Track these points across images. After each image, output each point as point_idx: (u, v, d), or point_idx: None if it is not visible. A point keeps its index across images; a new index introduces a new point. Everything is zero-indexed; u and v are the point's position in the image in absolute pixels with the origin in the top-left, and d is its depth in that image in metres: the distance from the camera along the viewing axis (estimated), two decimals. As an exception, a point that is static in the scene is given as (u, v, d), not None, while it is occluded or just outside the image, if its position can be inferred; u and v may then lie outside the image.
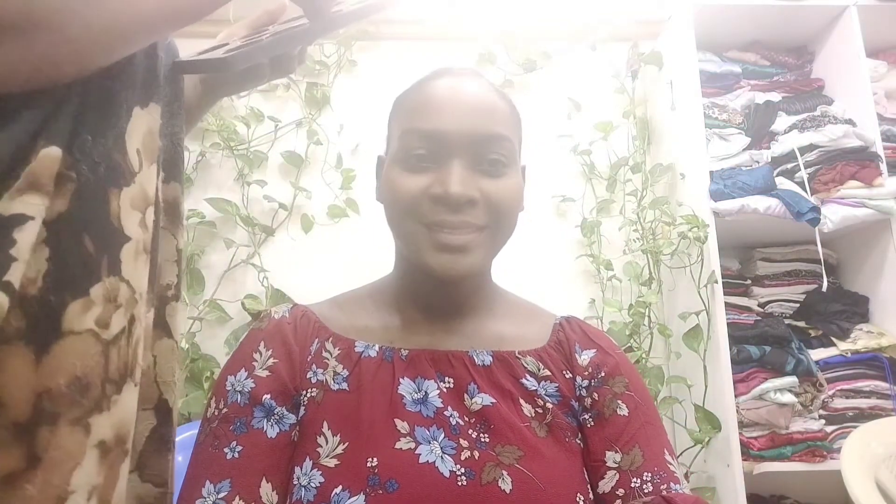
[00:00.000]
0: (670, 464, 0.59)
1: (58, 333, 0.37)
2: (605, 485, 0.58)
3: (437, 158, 0.58)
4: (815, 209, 1.49)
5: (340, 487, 0.52)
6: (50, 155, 0.37)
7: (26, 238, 0.35)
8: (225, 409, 0.57)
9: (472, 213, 0.57)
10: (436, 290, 0.64)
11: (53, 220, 0.37)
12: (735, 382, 1.43)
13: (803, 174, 1.56)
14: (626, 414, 0.60)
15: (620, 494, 0.56)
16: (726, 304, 1.51)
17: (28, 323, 0.35)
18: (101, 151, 0.40)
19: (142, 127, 0.44)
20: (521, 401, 0.60)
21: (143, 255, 0.43)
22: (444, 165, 0.58)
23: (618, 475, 0.58)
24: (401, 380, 0.59)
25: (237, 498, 0.52)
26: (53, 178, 0.37)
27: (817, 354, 1.54)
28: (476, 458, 0.55)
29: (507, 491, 0.53)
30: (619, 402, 0.61)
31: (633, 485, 0.56)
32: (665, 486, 0.56)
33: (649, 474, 0.57)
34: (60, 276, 0.37)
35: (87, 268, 0.39)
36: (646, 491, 0.56)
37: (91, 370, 0.38)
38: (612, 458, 0.59)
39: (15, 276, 0.34)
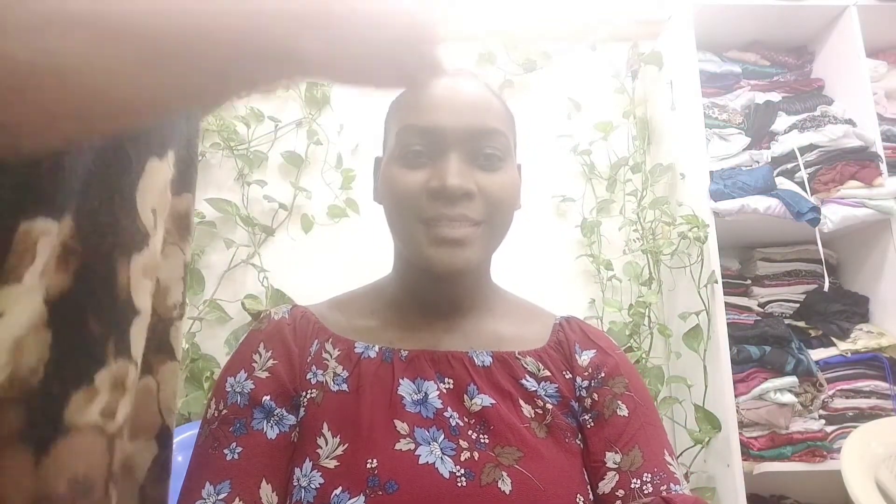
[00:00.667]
0: (670, 464, 0.58)
1: (59, 430, 0.33)
2: (605, 485, 0.58)
3: (434, 154, 0.58)
4: (815, 209, 1.49)
5: (340, 489, 0.52)
6: (33, 231, 0.31)
7: None
8: (224, 411, 0.57)
9: (469, 206, 0.57)
10: (435, 289, 0.63)
11: (56, 300, 0.33)
12: (735, 382, 1.43)
13: (803, 174, 1.56)
14: (626, 415, 0.60)
15: (620, 495, 0.56)
16: (726, 304, 1.50)
17: (28, 420, 0.31)
18: (109, 218, 0.36)
19: (157, 182, 0.40)
20: (521, 401, 0.60)
21: (147, 326, 0.40)
22: (440, 160, 0.58)
23: (618, 476, 0.57)
24: (400, 380, 0.59)
25: (237, 499, 0.52)
26: (32, 259, 0.31)
27: (817, 354, 1.54)
28: (476, 458, 0.55)
29: (507, 492, 0.53)
30: (619, 402, 0.61)
31: (633, 486, 0.56)
32: (665, 486, 0.56)
33: (649, 475, 0.57)
34: (63, 363, 0.33)
35: (91, 352, 0.35)
36: (646, 492, 0.56)
37: (94, 469, 0.34)
38: (611, 458, 0.59)
39: None
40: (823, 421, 1.49)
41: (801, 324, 1.61)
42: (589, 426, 0.61)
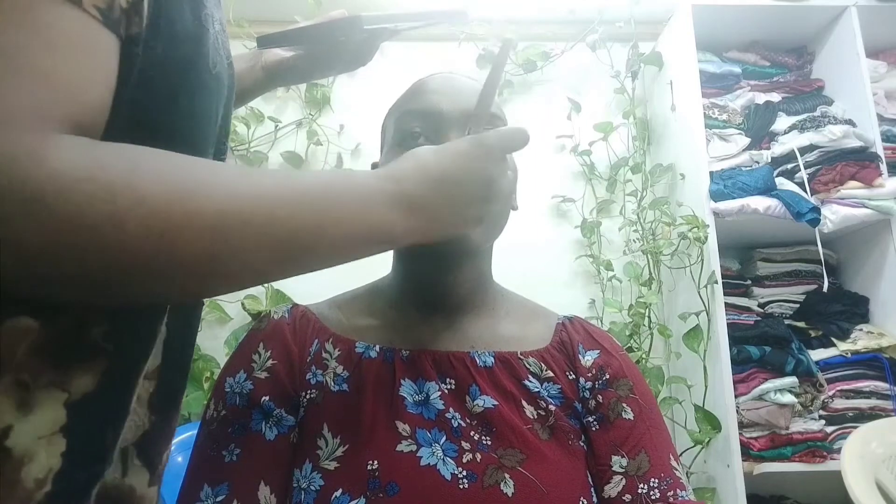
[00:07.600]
0: (676, 469, 0.58)
1: None
2: (612, 489, 0.57)
3: (433, 136, 0.58)
4: (815, 209, 1.49)
5: (340, 491, 0.52)
6: (17, 328, 0.28)
7: None
8: (223, 412, 0.57)
9: None
10: (436, 281, 0.62)
11: (77, 403, 0.30)
12: (735, 383, 1.43)
13: (803, 174, 1.56)
14: (632, 418, 0.60)
15: (627, 500, 0.56)
16: (726, 304, 1.50)
17: None
18: (143, 322, 0.34)
19: None
20: (524, 403, 0.59)
21: None
22: (439, 141, 0.57)
23: (624, 480, 0.57)
24: (402, 381, 0.58)
25: (235, 502, 0.52)
26: (20, 361, 0.28)
27: (817, 355, 1.54)
28: (478, 460, 0.55)
29: (510, 494, 0.53)
30: (624, 405, 0.61)
31: (639, 490, 0.56)
32: (672, 492, 0.56)
33: (656, 480, 0.56)
34: (73, 476, 0.29)
35: (101, 467, 0.32)
36: (653, 497, 0.55)
37: None
38: (618, 462, 0.58)
39: None
40: (823, 421, 1.48)
41: (801, 324, 1.61)
42: (593, 429, 0.61)
